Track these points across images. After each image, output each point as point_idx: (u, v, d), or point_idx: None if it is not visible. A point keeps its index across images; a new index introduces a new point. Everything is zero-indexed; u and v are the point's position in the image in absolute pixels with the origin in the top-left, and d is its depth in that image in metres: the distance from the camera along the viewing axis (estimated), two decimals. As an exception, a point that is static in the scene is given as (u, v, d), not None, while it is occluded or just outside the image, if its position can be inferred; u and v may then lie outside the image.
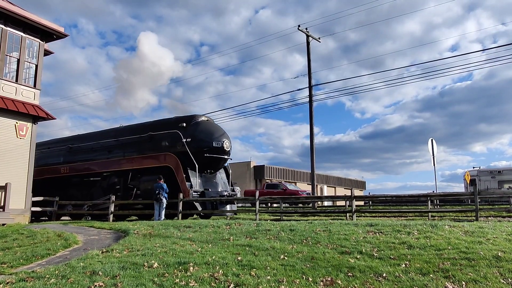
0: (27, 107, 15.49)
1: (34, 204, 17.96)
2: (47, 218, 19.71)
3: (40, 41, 16.40)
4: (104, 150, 20.05)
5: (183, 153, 16.76)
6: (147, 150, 18.20)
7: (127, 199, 18.04)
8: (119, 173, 19.03)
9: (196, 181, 16.64)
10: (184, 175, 16.41)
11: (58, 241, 9.05)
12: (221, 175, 18.68)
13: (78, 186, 20.83)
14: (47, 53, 17.49)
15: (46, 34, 16.52)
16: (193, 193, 16.15)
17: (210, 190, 17.09)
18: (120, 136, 19.79)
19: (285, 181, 45.64)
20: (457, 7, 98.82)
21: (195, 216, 17.99)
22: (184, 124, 17.39)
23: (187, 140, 16.90)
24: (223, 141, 17.54)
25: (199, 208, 15.98)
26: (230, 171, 19.31)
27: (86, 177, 20.60)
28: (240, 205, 29.32)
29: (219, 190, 17.79)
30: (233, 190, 18.55)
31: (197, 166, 16.47)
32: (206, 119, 18.66)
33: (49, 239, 9.48)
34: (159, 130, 18.16)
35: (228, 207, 17.17)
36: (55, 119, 16.85)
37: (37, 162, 22.43)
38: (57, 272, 5.76)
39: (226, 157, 17.94)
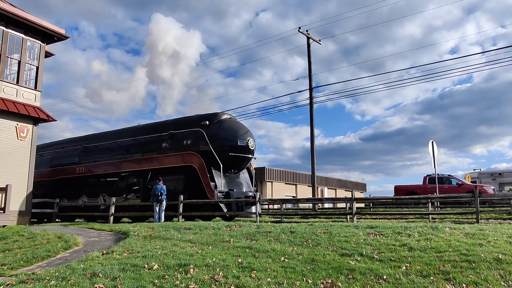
0: (28, 109, 15.52)
1: (44, 206, 18.07)
2: (59, 220, 19.46)
3: (41, 43, 16.43)
4: (122, 150, 19.52)
5: (207, 152, 16.19)
6: (168, 149, 17.72)
7: (147, 199, 17.48)
8: (138, 173, 18.50)
9: (220, 181, 16.03)
10: (208, 175, 15.85)
11: (59, 243, 9.04)
12: (244, 175, 18.08)
13: (94, 187, 20.31)
14: (48, 55, 17.53)
15: (47, 36, 16.56)
16: (218, 194, 15.49)
17: (235, 190, 16.50)
18: (138, 135, 19.22)
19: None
20: (457, 10, 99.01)
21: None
22: (207, 122, 16.87)
23: (211, 138, 16.34)
24: (248, 140, 16.98)
25: (225, 210, 15.35)
26: (254, 171, 18.63)
27: (103, 177, 20.04)
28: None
29: (244, 191, 17.21)
30: (256, 191, 17.87)
31: (221, 165, 15.91)
32: (229, 117, 18.04)
33: (49, 241, 9.47)
34: (180, 128, 17.63)
35: (253, 209, 16.43)
36: (55, 120, 16.90)
37: (50, 162, 22.18)
38: (57, 274, 5.76)
39: (250, 156, 17.38)
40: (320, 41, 25.75)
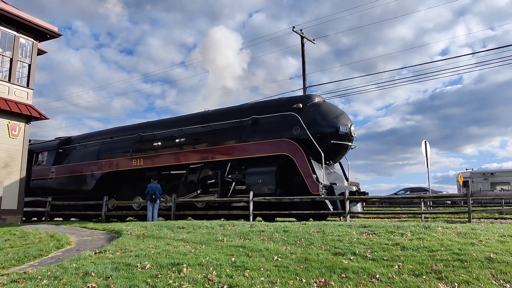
0: (20, 107, 15.40)
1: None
2: (98, 219, 18.18)
3: (34, 41, 16.32)
4: (189, 138, 17.21)
5: (303, 139, 14.12)
6: (250, 136, 15.47)
7: (225, 194, 15.42)
8: (213, 164, 16.22)
9: (322, 174, 13.75)
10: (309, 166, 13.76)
11: (51, 242, 8.99)
12: (337, 166, 16.11)
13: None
14: (40, 52, 17.41)
15: (40, 34, 16.44)
16: (323, 189, 13.38)
17: (337, 184, 14.46)
18: (209, 121, 16.81)
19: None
20: (447, 12, 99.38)
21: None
22: (300, 105, 14.75)
23: (307, 124, 14.19)
24: (350, 126, 14.80)
25: (330, 208, 13.31)
26: (349, 162, 16.40)
27: (165, 170, 17.76)
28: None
29: (346, 185, 15.19)
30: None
31: (323, 155, 13.73)
32: (321, 99, 15.80)
33: (41, 240, 9.41)
34: (265, 113, 15.46)
35: (359, 207, 14.74)
36: (48, 119, 16.78)
37: (97, 155, 20.05)
38: (49, 273, 5.72)
39: (350, 144, 15.19)
40: (314, 40, 25.80)
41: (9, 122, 15.30)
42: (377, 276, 5.42)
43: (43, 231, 10.68)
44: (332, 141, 14.28)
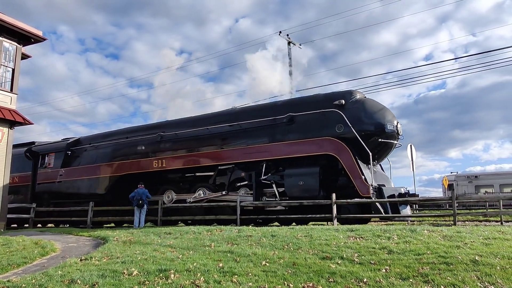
0: (3, 112, 15.15)
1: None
2: (127, 226, 17.31)
3: (18, 45, 16.09)
4: (215, 138, 16.13)
5: (348, 138, 13.29)
6: (285, 135, 14.54)
7: (260, 198, 14.51)
8: (246, 165, 15.19)
9: (370, 175, 12.90)
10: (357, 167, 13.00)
11: (35, 249, 8.84)
12: (378, 166, 15.20)
13: (177, 184, 17.15)
14: (24, 57, 17.17)
15: (24, 38, 16.22)
16: (372, 191, 12.58)
17: (385, 186, 13.68)
18: (238, 119, 15.72)
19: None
20: (431, 18, 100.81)
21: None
22: (342, 102, 13.85)
23: (352, 121, 13.33)
24: (396, 123, 14.02)
25: (381, 211, 12.52)
26: (390, 162, 15.53)
27: (190, 171, 16.74)
28: None
29: (392, 186, 14.32)
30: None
31: (370, 154, 12.87)
32: (363, 96, 14.91)
33: (25, 247, 9.25)
34: (302, 110, 14.50)
35: (409, 210, 13.96)
36: (32, 124, 16.51)
37: (111, 156, 19.01)
38: (34, 281, 5.63)
39: (396, 142, 14.41)
40: (300, 45, 25.99)
41: (-8, 128, 15.05)
42: (365, 280, 5.45)
43: (27, 238, 10.51)
44: (379, 140, 13.60)
